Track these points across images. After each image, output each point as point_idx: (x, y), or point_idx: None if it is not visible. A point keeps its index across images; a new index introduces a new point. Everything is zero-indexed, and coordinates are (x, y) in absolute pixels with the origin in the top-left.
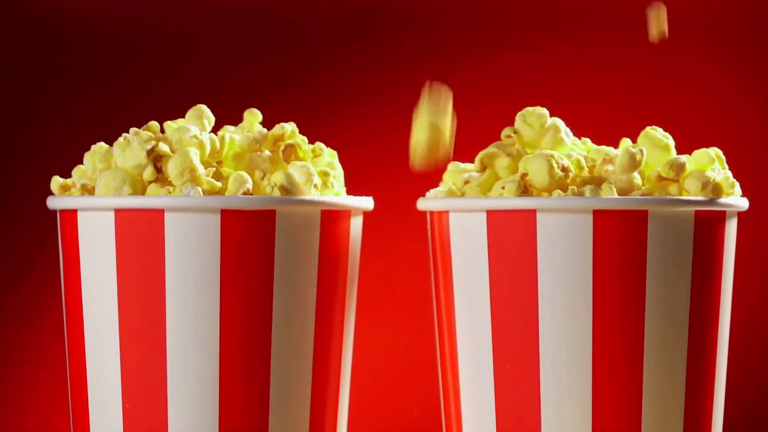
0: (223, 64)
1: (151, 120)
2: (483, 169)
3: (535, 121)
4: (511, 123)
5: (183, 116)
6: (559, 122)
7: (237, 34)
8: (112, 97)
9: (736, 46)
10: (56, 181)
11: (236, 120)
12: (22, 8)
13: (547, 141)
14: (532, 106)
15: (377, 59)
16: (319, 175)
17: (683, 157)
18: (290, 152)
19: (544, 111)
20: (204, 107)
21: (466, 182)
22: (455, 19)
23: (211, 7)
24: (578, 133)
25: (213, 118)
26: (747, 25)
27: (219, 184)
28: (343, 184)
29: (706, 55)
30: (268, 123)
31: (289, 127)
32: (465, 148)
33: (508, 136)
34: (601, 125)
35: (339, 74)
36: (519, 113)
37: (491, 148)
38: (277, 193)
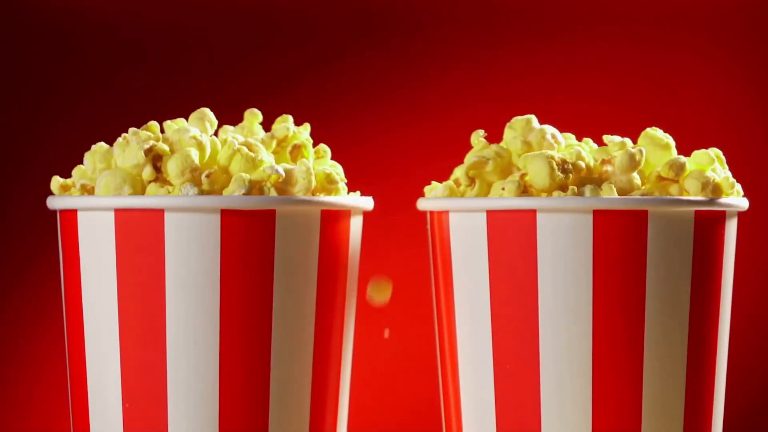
0: (223, 65)
1: (151, 120)
2: (472, 182)
3: (518, 126)
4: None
5: (183, 116)
6: (547, 128)
7: (237, 35)
8: (113, 97)
9: (736, 46)
10: (56, 181)
11: (236, 120)
12: (23, 8)
13: (534, 146)
14: (532, 105)
15: (377, 60)
16: (323, 179)
17: (683, 157)
18: (297, 153)
19: (530, 117)
20: (207, 110)
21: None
22: (456, 19)
23: (211, 8)
24: (578, 133)
25: (216, 122)
26: (747, 26)
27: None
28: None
29: (706, 56)
30: (268, 123)
31: (293, 128)
32: (466, 150)
33: (485, 136)
34: (601, 125)
35: (339, 74)
36: (507, 124)
37: (473, 159)
38: (274, 192)
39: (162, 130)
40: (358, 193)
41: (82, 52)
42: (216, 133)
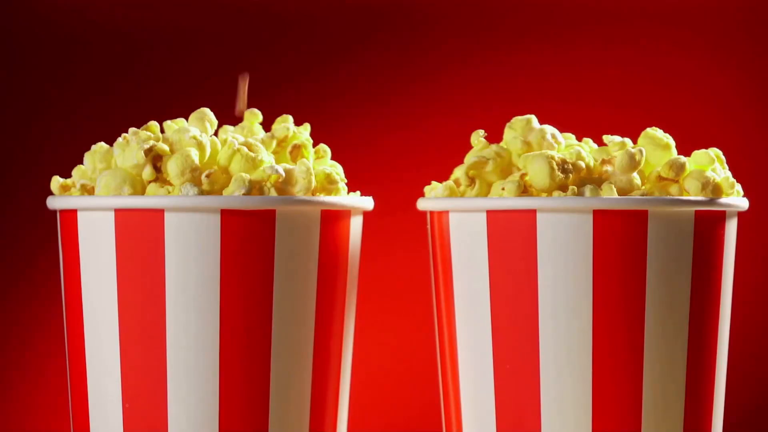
0: (223, 65)
1: (151, 120)
2: (472, 182)
3: (518, 126)
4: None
5: (183, 116)
6: (547, 128)
7: (237, 35)
8: (113, 97)
9: (736, 46)
10: (56, 181)
11: (236, 120)
12: (23, 8)
13: (534, 146)
14: (532, 105)
15: (377, 60)
16: (323, 180)
17: (683, 157)
18: (297, 153)
19: (530, 117)
20: (207, 110)
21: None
22: (455, 19)
23: (211, 8)
24: (578, 133)
25: (216, 122)
26: (747, 26)
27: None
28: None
29: (706, 56)
30: (268, 123)
31: (293, 128)
32: (466, 150)
33: (485, 137)
34: (601, 125)
35: (339, 75)
36: (507, 124)
37: (473, 159)
38: (274, 192)
39: (162, 130)
40: (358, 193)
41: (83, 52)
42: (216, 133)
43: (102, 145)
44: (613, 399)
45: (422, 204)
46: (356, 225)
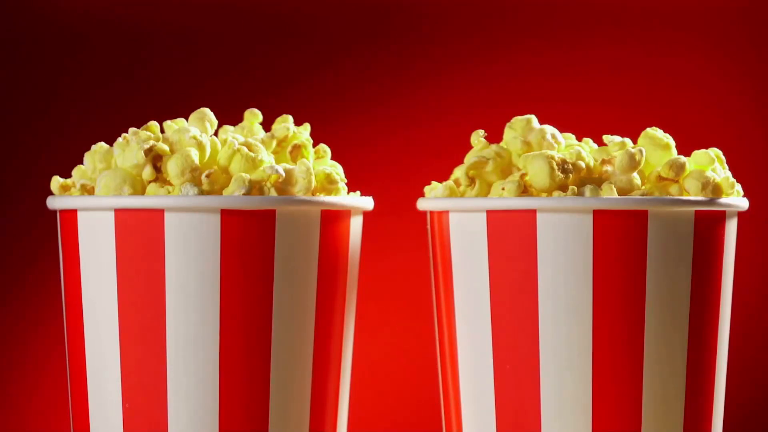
0: (224, 65)
1: (151, 120)
2: (472, 182)
3: (518, 126)
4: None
5: (183, 116)
6: (547, 128)
7: (237, 35)
8: (113, 97)
9: (736, 46)
10: (56, 181)
11: (236, 120)
12: (23, 8)
13: (534, 146)
14: (532, 105)
15: (377, 60)
16: (323, 179)
17: (683, 157)
18: (297, 153)
19: (530, 117)
20: (207, 110)
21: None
22: (456, 20)
23: (212, 8)
24: (578, 133)
25: (216, 122)
26: (747, 26)
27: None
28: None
29: (705, 56)
30: (268, 123)
31: (293, 128)
32: (466, 150)
33: (485, 137)
34: (602, 125)
35: (339, 75)
36: (507, 124)
37: (473, 159)
38: (274, 192)
39: (162, 130)
40: (358, 193)
41: (83, 52)
42: (216, 133)
43: (102, 145)
44: (613, 399)
45: (422, 204)
46: (356, 225)
